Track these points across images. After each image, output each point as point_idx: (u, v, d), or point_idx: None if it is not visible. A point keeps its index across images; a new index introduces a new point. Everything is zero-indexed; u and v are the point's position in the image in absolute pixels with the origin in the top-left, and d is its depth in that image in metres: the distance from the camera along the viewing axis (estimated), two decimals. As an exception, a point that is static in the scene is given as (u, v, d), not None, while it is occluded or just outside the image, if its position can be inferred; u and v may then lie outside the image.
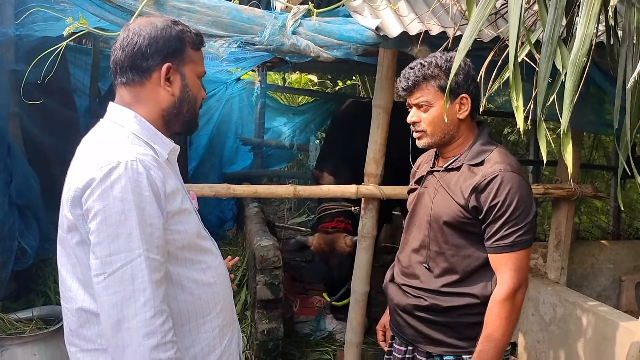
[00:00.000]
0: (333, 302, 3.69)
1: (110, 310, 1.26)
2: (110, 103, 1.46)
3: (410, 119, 1.92)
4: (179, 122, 1.49)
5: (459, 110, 1.86)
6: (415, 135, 1.94)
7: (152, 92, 1.43)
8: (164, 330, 1.29)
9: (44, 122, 3.71)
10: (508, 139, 7.19)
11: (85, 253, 1.32)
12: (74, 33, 2.18)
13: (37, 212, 3.32)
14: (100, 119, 1.47)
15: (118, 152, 1.31)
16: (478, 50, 2.31)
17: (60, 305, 1.48)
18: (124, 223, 1.26)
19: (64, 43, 2.24)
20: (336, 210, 3.72)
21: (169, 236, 1.37)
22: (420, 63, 1.87)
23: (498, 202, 1.76)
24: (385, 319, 2.23)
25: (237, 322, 1.67)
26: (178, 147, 1.55)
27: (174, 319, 1.39)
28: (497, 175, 1.77)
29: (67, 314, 1.44)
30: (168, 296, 1.37)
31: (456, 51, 1.79)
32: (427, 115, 1.88)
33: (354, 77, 7.34)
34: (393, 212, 4.87)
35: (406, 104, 1.95)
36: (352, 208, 3.59)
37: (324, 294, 3.90)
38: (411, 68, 1.89)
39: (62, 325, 2.83)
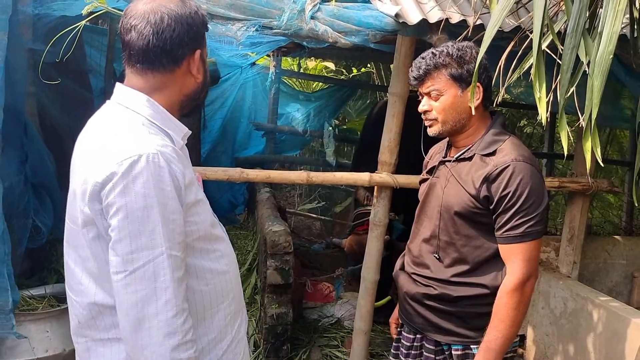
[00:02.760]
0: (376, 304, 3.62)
1: (130, 309, 1.23)
2: (118, 84, 1.39)
3: (421, 107, 1.93)
4: (192, 106, 1.47)
5: (469, 99, 1.85)
6: (426, 123, 1.94)
7: (179, 79, 1.38)
8: (185, 330, 1.26)
9: (60, 101, 3.72)
10: (524, 131, 7.12)
11: (102, 249, 1.28)
12: (92, 13, 2.17)
13: (52, 191, 3.34)
14: (107, 101, 1.41)
15: (138, 143, 1.25)
16: (497, 40, 2.27)
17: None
18: (146, 220, 1.21)
19: (82, 23, 2.24)
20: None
21: (187, 228, 1.33)
22: (432, 52, 1.88)
23: (509, 192, 1.75)
24: (397, 311, 2.23)
25: (244, 308, 1.65)
26: (189, 131, 1.50)
27: (189, 310, 1.36)
28: (508, 165, 1.76)
29: (75, 307, 1.40)
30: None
31: (468, 41, 1.80)
32: (438, 103, 1.88)
33: (368, 65, 7.29)
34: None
35: (417, 93, 1.95)
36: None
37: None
38: (422, 57, 1.89)
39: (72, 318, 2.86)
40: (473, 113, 1.82)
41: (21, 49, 2.99)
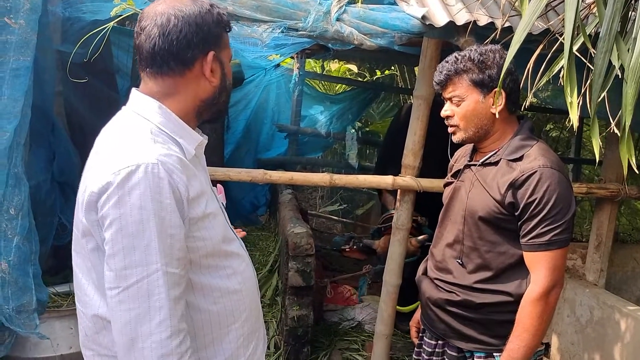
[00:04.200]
0: (398, 308, 3.60)
1: (124, 327, 1.16)
2: (133, 90, 1.33)
3: (444, 112, 1.91)
4: (211, 111, 1.38)
5: (492, 105, 1.82)
6: (449, 129, 1.92)
7: (192, 83, 1.30)
8: (181, 352, 1.18)
9: (87, 101, 3.77)
10: (550, 135, 7.02)
11: (100, 260, 1.21)
12: (120, 15, 2.20)
13: (78, 190, 3.39)
14: (123, 107, 1.35)
15: (138, 153, 1.18)
16: (526, 42, 2.24)
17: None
18: (141, 234, 1.14)
19: (111, 24, 2.27)
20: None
21: (192, 244, 1.26)
22: (455, 57, 1.85)
23: (535, 199, 1.71)
24: (419, 315, 2.21)
25: (263, 328, 1.57)
26: (206, 139, 1.43)
27: (196, 330, 1.31)
28: (535, 172, 1.73)
29: (82, 318, 1.35)
30: (190, 307, 1.29)
31: (496, 43, 1.77)
32: (459, 109, 1.85)
33: (392, 67, 7.26)
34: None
35: (442, 97, 1.93)
36: (418, 217, 3.54)
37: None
38: (446, 61, 1.87)
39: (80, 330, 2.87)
40: (497, 116, 1.80)
41: (50, 49, 3.04)
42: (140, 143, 1.21)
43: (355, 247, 3.86)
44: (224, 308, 1.35)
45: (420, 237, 3.36)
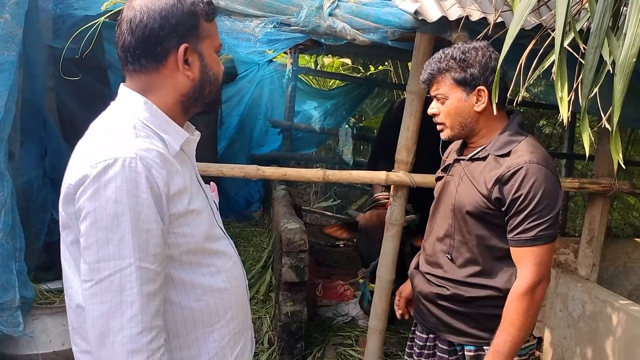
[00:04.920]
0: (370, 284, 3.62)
1: (96, 320, 1.14)
2: (121, 85, 1.32)
3: (430, 110, 1.93)
4: (200, 104, 1.35)
5: (475, 103, 1.85)
6: (438, 127, 1.94)
7: (168, 78, 1.28)
8: (151, 349, 1.16)
9: (79, 97, 3.75)
10: (542, 131, 7.04)
11: (79, 253, 1.20)
12: (111, 9, 2.18)
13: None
14: (111, 102, 1.33)
15: (117, 147, 1.16)
16: (518, 38, 2.24)
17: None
18: (115, 228, 1.12)
19: (102, 19, 2.25)
20: (385, 201, 3.64)
21: (172, 240, 1.24)
22: (439, 55, 1.87)
23: (521, 194, 1.72)
24: (406, 288, 2.25)
25: (251, 329, 1.54)
26: (197, 136, 1.41)
27: (178, 327, 1.29)
28: (521, 167, 1.73)
29: (69, 311, 1.33)
30: (171, 303, 1.27)
31: (477, 41, 1.78)
32: (444, 107, 1.88)
33: (386, 63, 7.26)
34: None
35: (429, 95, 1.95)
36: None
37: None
38: (432, 59, 1.89)
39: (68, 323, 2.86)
40: (478, 112, 1.83)
41: (41, 45, 3.02)
42: (120, 137, 1.20)
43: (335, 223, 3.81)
44: (207, 306, 1.33)
45: (408, 216, 3.32)
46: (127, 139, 1.20)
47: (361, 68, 7.52)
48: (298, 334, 3.38)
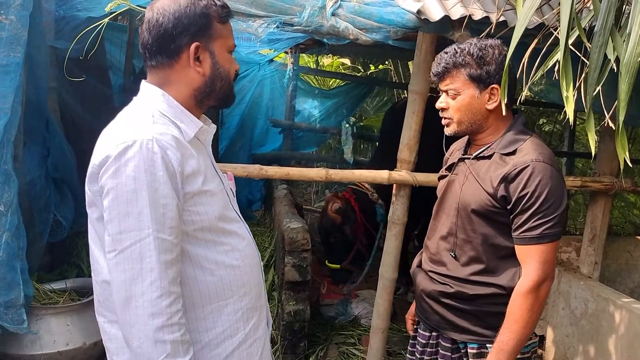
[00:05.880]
0: (327, 263, 4.13)
1: (120, 287, 1.27)
2: (143, 81, 1.45)
3: (438, 104, 1.90)
4: (212, 98, 1.48)
5: (488, 101, 1.83)
6: (443, 122, 1.92)
7: (181, 73, 1.41)
8: (170, 312, 1.27)
9: (80, 97, 3.76)
10: (543, 129, 7.04)
11: (104, 229, 1.32)
12: (114, 11, 2.18)
13: (73, 186, 3.38)
14: (134, 97, 1.47)
15: (136, 130, 1.30)
16: (521, 37, 2.25)
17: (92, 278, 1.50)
18: (134, 202, 1.25)
19: (106, 20, 2.25)
20: (354, 187, 4.24)
21: (187, 217, 1.36)
22: (454, 49, 1.84)
23: (527, 192, 1.72)
24: (414, 308, 2.22)
25: (266, 307, 1.64)
26: (213, 128, 1.54)
27: (194, 300, 1.40)
28: (527, 166, 1.73)
29: (95, 286, 1.46)
30: (187, 276, 1.38)
31: (491, 39, 1.77)
32: (454, 102, 1.85)
33: (386, 62, 7.26)
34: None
35: (437, 89, 1.93)
36: (370, 192, 4.10)
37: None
38: (445, 52, 1.86)
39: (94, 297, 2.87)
40: (489, 110, 1.82)
41: (44, 45, 3.02)
42: (140, 123, 1.33)
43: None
44: (220, 280, 1.43)
45: (338, 205, 4.05)
46: (145, 125, 1.33)
47: (361, 67, 7.52)
48: (301, 333, 3.38)
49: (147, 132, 1.30)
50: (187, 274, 1.38)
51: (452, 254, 1.91)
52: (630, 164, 1.53)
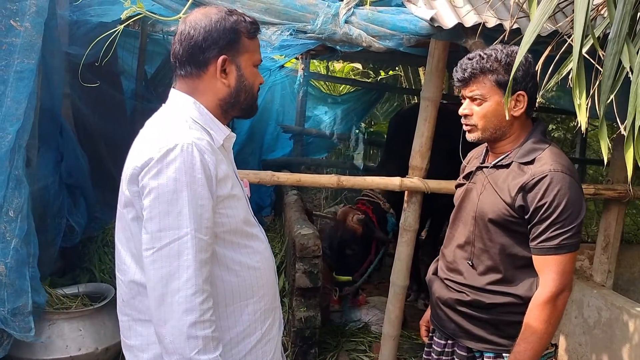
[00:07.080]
0: (335, 275, 3.90)
1: (156, 284, 1.32)
2: (172, 89, 1.52)
3: (462, 111, 1.87)
4: (237, 109, 1.54)
5: (514, 107, 1.80)
6: (465, 128, 1.89)
7: (209, 83, 1.47)
8: (203, 309, 1.32)
9: (93, 103, 3.79)
10: (552, 135, 7.01)
11: (139, 228, 1.38)
12: (130, 17, 2.20)
13: (86, 192, 3.41)
14: (162, 104, 1.53)
15: (176, 135, 1.36)
16: (534, 44, 2.24)
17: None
18: (175, 202, 1.31)
19: (121, 27, 2.27)
20: (366, 198, 4.08)
21: (218, 219, 1.41)
22: (480, 55, 1.81)
23: (545, 202, 1.70)
24: (428, 314, 2.21)
25: (279, 309, 1.70)
26: (234, 135, 1.60)
27: (219, 299, 1.45)
28: (546, 176, 1.71)
29: (120, 286, 1.51)
30: (214, 276, 1.43)
31: (516, 45, 1.75)
32: (479, 109, 1.82)
33: (396, 68, 7.26)
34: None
35: (460, 95, 1.91)
36: (381, 202, 3.95)
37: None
38: (469, 59, 1.82)
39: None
40: (514, 116, 1.80)
41: (58, 51, 3.05)
42: (178, 128, 1.40)
43: None
44: (244, 281, 1.50)
45: (361, 216, 3.77)
46: (183, 129, 1.40)
47: (371, 73, 7.52)
48: (312, 340, 3.38)
49: (187, 136, 1.36)
50: (214, 274, 1.43)
51: (470, 262, 1.90)
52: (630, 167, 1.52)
